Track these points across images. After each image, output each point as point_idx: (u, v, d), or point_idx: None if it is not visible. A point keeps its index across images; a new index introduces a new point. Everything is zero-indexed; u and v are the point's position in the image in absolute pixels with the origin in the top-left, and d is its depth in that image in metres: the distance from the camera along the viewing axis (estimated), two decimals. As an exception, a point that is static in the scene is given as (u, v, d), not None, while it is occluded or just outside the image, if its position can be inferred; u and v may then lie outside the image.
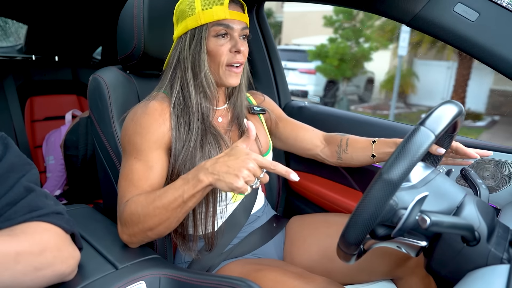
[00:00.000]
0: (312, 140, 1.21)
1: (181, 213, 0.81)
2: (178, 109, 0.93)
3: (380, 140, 1.09)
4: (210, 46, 0.92)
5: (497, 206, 1.10)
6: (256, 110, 1.15)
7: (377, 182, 0.58)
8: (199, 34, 0.91)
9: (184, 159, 0.90)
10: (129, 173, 0.89)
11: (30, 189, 0.67)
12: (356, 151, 1.13)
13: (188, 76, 0.93)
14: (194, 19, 0.90)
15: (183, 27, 0.92)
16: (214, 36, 0.92)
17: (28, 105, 2.31)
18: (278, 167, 0.74)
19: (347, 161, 1.16)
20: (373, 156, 1.09)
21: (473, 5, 0.88)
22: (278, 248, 1.17)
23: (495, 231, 0.63)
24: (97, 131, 1.11)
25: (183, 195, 0.78)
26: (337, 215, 1.19)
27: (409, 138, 0.59)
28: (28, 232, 0.62)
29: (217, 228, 1.04)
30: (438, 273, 0.66)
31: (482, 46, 0.88)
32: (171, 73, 0.96)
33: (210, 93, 0.95)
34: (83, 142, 1.92)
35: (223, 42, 0.93)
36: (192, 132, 0.91)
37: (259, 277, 0.89)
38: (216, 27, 0.91)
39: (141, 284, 0.76)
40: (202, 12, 0.89)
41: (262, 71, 1.64)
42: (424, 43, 8.63)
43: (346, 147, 1.15)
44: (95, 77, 1.10)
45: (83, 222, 0.99)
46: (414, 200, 0.60)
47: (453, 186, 0.69)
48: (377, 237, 0.67)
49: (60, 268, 0.66)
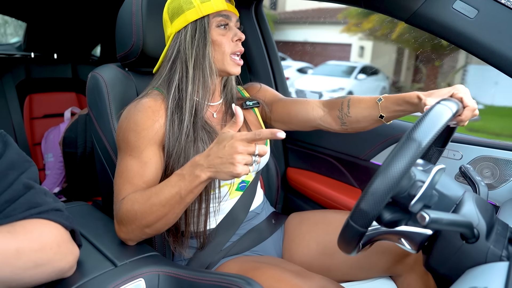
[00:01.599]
0: (307, 112, 1.11)
1: (179, 208, 0.82)
2: (173, 104, 0.93)
3: (387, 97, 0.98)
4: (214, 36, 0.95)
5: (496, 203, 1.10)
6: (249, 105, 1.14)
7: (406, 141, 0.59)
8: (201, 25, 0.93)
9: (178, 154, 0.91)
10: (124, 170, 0.89)
11: (29, 186, 0.67)
12: (360, 112, 1.02)
13: (189, 67, 0.94)
14: (194, 11, 0.92)
15: (182, 21, 0.94)
16: (216, 26, 0.95)
17: (27, 102, 2.31)
18: (263, 133, 0.73)
19: (353, 125, 1.05)
20: (381, 117, 0.99)
21: (472, 2, 0.88)
22: (277, 245, 1.17)
23: (494, 229, 0.63)
24: (95, 129, 1.11)
25: (180, 191, 0.79)
26: (336, 212, 1.19)
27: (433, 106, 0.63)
28: (28, 228, 0.62)
29: (214, 225, 1.04)
30: (437, 270, 0.66)
31: (481, 43, 0.88)
32: (170, 66, 0.96)
33: (210, 83, 0.97)
34: (82, 139, 1.93)
35: (225, 32, 0.97)
36: (184, 127, 0.92)
37: (257, 275, 0.89)
38: (217, 17, 0.95)
39: (140, 282, 0.76)
40: (202, 5, 0.92)
41: (260, 68, 1.64)
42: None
43: (348, 110, 1.03)
44: (94, 75, 1.10)
45: (82, 220, 0.99)
46: (434, 170, 0.63)
47: (452, 183, 0.69)
48: (384, 222, 0.67)
49: (60, 264, 0.67)
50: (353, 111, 1.03)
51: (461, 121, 0.84)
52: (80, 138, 1.93)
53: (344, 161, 1.48)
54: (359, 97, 1.04)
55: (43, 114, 2.36)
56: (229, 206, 1.05)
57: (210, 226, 1.04)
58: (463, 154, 1.18)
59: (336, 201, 1.42)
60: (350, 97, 1.05)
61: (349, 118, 1.04)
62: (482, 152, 1.14)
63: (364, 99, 1.02)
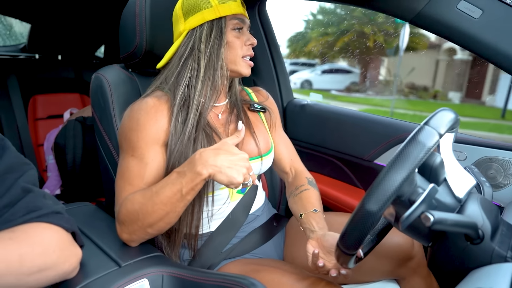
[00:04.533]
0: (285, 163, 1.19)
1: (180, 207, 0.82)
2: (180, 101, 0.93)
3: (311, 215, 1.00)
4: (229, 37, 0.96)
5: (501, 204, 1.10)
6: (256, 108, 1.14)
7: (411, 140, 0.59)
8: (218, 26, 0.94)
9: (179, 153, 0.90)
10: (125, 171, 0.90)
11: (27, 189, 0.67)
12: (296, 205, 1.07)
13: (201, 66, 0.94)
14: (212, 11, 0.93)
15: (199, 18, 0.93)
16: (232, 29, 0.96)
17: (31, 103, 2.32)
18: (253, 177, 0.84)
19: (289, 205, 1.11)
20: (300, 216, 1.02)
21: (476, 2, 0.87)
22: (278, 247, 1.16)
23: (499, 229, 0.63)
24: (99, 129, 1.11)
25: (181, 189, 0.79)
26: (338, 215, 1.18)
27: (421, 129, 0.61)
28: (29, 233, 0.62)
29: (214, 228, 1.03)
30: (441, 271, 0.66)
31: (486, 43, 0.88)
32: (181, 63, 0.96)
33: (220, 83, 0.97)
34: (71, 145, 1.89)
35: (239, 35, 0.98)
36: (187, 127, 0.92)
37: (257, 278, 0.88)
38: (233, 20, 0.96)
39: (144, 282, 0.76)
40: (220, 6, 0.93)
41: (264, 69, 1.64)
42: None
43: (295, 197, 1.09)
44: (97, 76, 1.11)
45: (85, 220, 1.00)
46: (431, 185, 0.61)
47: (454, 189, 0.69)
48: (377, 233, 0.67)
49: (63, 267, 0.67)
50: (297, 199, 1.07)
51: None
52: (69, 144, 1.89)
53: (348, 162, 1.48)
54: (309, 195, 1.07)
55: (47, 115, 2.37)
56: (229, 209, 1.05)
57: (210, 228, 1.03)
58: (467, 155, 1.18)
59: (340, 202, 1.42)
60: (308, 188, 1.10)
61: (291, 200, 1.10)
62: (487, 153, 1.14)
63: (309, 200, 1.05)
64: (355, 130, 1.45)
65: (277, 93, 1.67)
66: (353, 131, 1.45)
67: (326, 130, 1.25)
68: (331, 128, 1.48)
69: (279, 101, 1.69)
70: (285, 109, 1.70)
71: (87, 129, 1.93)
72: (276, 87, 1.66)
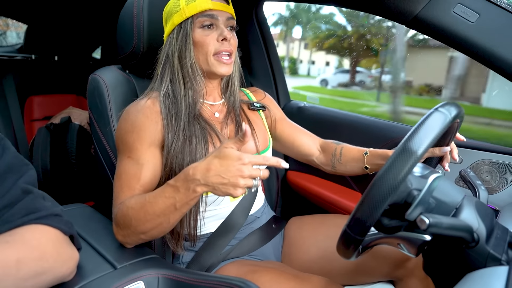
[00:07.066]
0: (309, 146, 1.22)
1: (174, 218, 0.80)
2: (167, 101, 0.94)
3: (372, 152, 1.10)
4: (196, 37, 0.95)
5: (496, 207, 1.10)
6: (256, 106, 1.15)
7: (401, 152, 0.58)
8: (184, 27, 0.94)
9: (176, 151, 0.90)
10: (122, 172, 0.89)
11: (27, 191, 0.66)
12: (349, 162, 1.15)
13: (176, 69, 0.95)
14: (180, 14, 0.93)
15: (171, 24, 0.96)
16: (199, 27, 0.95)
17: (27, 104, 2.31)
18: (270, 160, 0.73)
19: (341, 170, 1.18)
20: (366, 168, 1.11)
21: (473, 6, 0.88)
22: (276, 249, 1.16)
23: (494, 233, 0.63)
24: (96, 131, 1.11)
25: (175, 203, 0.77)
26: (336, 217, 1.19)
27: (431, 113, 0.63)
28: (27, 237, 0.61)
29: (214, 230, 1.04)
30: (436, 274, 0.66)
31: (482, 47, 0.88)
32: (161, 69, 0.98)
33: (196, 84, 0.96)
34: (37, 154, 1.81)
35: (209, 32, 0.95)
36: (180, 124, 0.92)
37: (255, 278, 0.88)
38: (201, 18, 0.94)
39: (140, 284, 0.76)
40: (187, 7, 0.93)
41: (261, 71, 1.64)
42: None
43: (340, 157, 1.16)
44: (94, 77, 1.10)
45: (81, 222, 0.99)
46: (431, 178, 0.63)
47: (452, 188, 0.69)
48: (383, 227, 0.67)
49: (60, 270, 0.66)
50: (344, 159, 1.16)
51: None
52: (36, 153, 1.81)
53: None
54: (349, 147, 1.17)
55: (43, 116, 2.36)
56: (228, 210, 1.05)
57: (209, 230, 1.03)
58: (463, 158, 1.18)
59: (336, 205, 1.42)
60: (343, 146, 1.18)
61: (339, 164, 1.17)
62: (482, 156, 1.14)
63: (353, 150, 1.15)
64: (352, 132, 1.45)
65: (275, 95, 1.67)
66: (349, 133, 1.45)
67: (322, 133, 1.25)
68: (327, 131, 1.48)
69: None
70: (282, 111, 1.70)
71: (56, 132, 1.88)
72: (273, 89, 1.66)
